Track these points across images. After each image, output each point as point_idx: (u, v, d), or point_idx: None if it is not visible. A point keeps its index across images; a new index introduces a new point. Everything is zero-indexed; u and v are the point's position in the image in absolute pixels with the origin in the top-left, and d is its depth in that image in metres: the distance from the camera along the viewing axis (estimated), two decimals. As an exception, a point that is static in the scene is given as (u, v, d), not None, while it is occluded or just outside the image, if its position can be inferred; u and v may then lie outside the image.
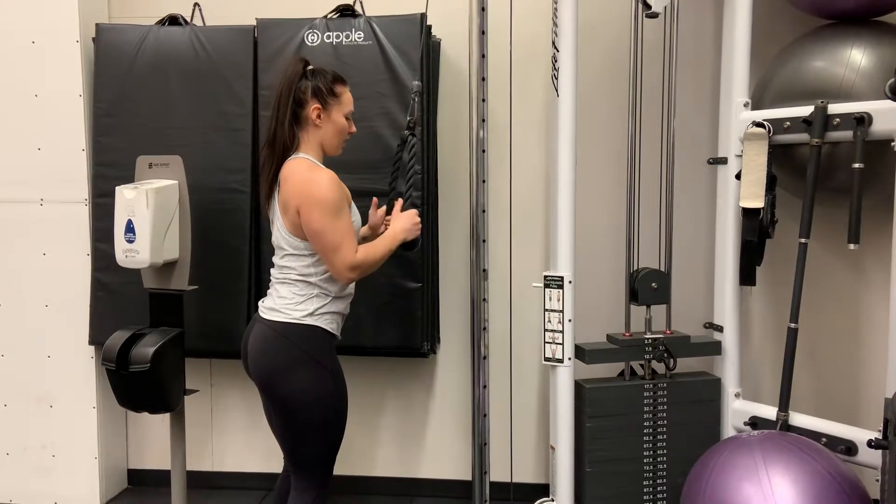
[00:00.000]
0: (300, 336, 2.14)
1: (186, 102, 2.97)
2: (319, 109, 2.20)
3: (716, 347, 2.77)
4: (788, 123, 2.51)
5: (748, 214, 2.58)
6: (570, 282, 2.59)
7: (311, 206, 2.09)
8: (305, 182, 2.11)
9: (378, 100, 2.87)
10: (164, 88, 2.98)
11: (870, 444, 2.01)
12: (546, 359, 2.65)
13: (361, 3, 3.01)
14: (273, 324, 2.16)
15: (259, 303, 2.27)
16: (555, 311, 2.61)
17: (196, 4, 3.16)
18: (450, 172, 3.11)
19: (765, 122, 2.54)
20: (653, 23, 2.74)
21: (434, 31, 2.98)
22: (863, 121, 2.32)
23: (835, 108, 2.40)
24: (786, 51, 2.71)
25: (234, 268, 2.96)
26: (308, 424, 2.16)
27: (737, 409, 2.71)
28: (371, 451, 3.29)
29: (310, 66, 2.23)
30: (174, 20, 3.05)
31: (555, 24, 2.60)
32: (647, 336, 2.73)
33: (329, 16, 2.96)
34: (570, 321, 2.60)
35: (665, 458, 2.73)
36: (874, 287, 2.93)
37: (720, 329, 2.78)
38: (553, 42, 2.62)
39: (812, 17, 2.74)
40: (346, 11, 2.96)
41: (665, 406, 2.73)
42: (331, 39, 2.91)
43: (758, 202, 2.54)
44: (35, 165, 3.08)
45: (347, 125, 2.27)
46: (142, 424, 3.35)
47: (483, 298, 2.57)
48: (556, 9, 2.59)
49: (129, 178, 2.77)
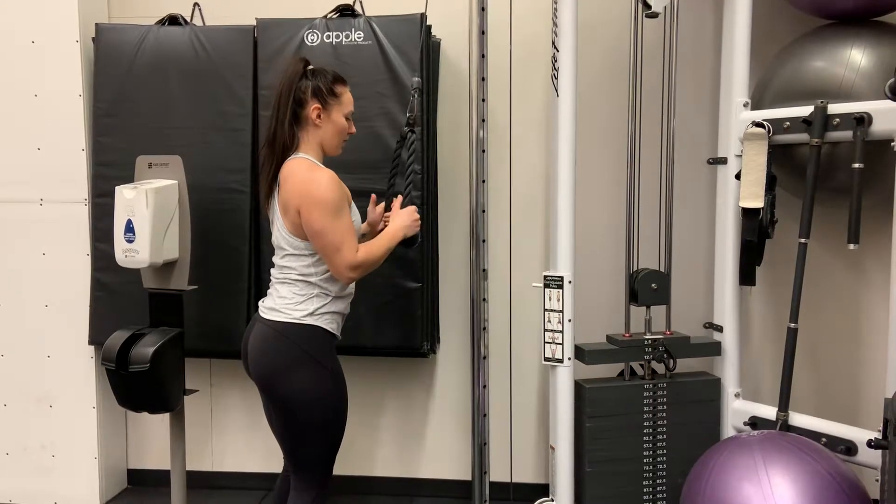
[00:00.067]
0: (300, 336, 2.14)
1: (186, 102, 2.97)
2: (319, 109, 2.19)
3: (715, 348, 2.77)
4: (788, 123, 2.51)
5: (748, 214, 2.58)
6: (570, 282, 2.59)
7: (312, 206, 2.09)
8: (306, 182, 2.11)
9: (378, 100, 2.87)
10: (164, 88, 2.98)
11: (869, 444, 2.01)
12: (546, 359, 2.65)
13: (361, 3, 3.01)
14: (273, 324, 2.16)
15: (259, 303, 2.27)
16: (554, 311, 2.61)
17: (196, 4, 3.16)
18: (450, 172, 3.11)
19: (765, 122, 2.54)
20: (653, 23, 2.74)
21: (434, 31, 2.98)
22: (863, 121, 2.32)
23: (835, 108, 2.40)
24: (786, 51, 2.71)
25: (234, 268, 2.96)
26: (308, 424, 2.15)
27: (737, 409, 2.71)
28: (371, 451, 3.29)
29: (310, 66, 2.23)
30: (174, 20, 3.05)
31: (555, 24, 2.60)
32: (647, 337, 2.73)
33: (329, 16, 2.96)
34: (570, 321, 2.60)
35: (665, 459, 2.73)
36: (874, 287, 2.93)
37: (720, 329, 2.78)
38: (553, 42, 2.62)
39: (812, 17, 2.74)
40: (346, 11, 2.96)
41: (665, 406, 2.73)
42: (330, 39, 2.91)
43: (757, 202, 2.54)
44: (35, 165, 3.08)
45: (347, 125, 2.27)
46: (142, 424, 3.35)
47: (483, 298, 2.57)
48: (556, 9, 2.59)
49: (129, 178, 2.77)
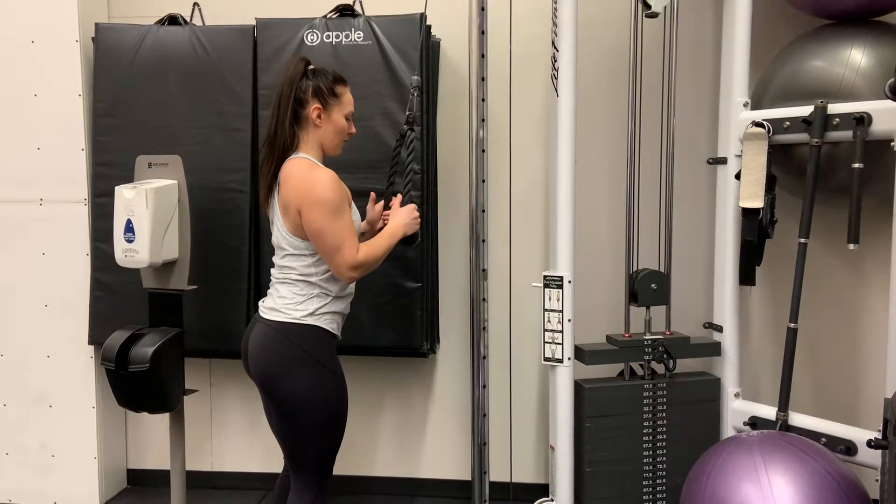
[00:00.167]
0: (301, 336, 2.14)
1: (186, 102, 2.97)
2: (320, 109, 2.19)
3: (715, 348, 2.77)
4: (788, 123, 2.52)
5: (748, 214, 2.58)
6: (570, 282, 2.59)
7: (312, 206, 2.09)
8: (306, 182, 2.11)
9: (377, 99, 2.87)
10: (164, 88, 2.97)
11: (869, 444, 2.01)
12: (546, 359, 2.65)
13: (361, 3, 3.01)
14: (274, 323, 2.16)
15: (259, 303, 2.27)
16: (554, 311, 2.61)
17: (195, 4, 3.16)
18: (449, 172, 3.11)
19: (764, 122, 2.54)
20: (652, 23, 2.74)
21: (434, 31, 2.98)
22: (862, 121, 2.32)
23: (834, 108, 2.41)
24: (785, 51, 2.71)
25: (234, 268, 2.95)
26: (308, 424, 2.15)
27: (736, 409, 2.71)
28: (371, 451, 3.29)
29: (311, 66, 2.22)
30: (174, 20, 3.05)
31: (554, 24, 2.60)
32: (647, 337, 2.73)
33: (328, 15, 2.96)
34: (570, 321, 2.60)
35: (665, 459, 2.73)
36: (874, 287, 2.93)
37: (720, 329, 2.78)
38: (553, 42, 2.62)
39: (812, 17, 2.74)
40: (346, 11, 2.96)
41: (665, 406, 2.73)
42: (330, 39, 2.91)
43: (757, 202, 2.54)
44: (34, 165, 3.08)
45: (347, 125, 2.27)
46: (141, 424, 3.35)
47: (483, 298, 2.56)
48: (556, 9, 2.59)
49: (129, 178, 2.77)
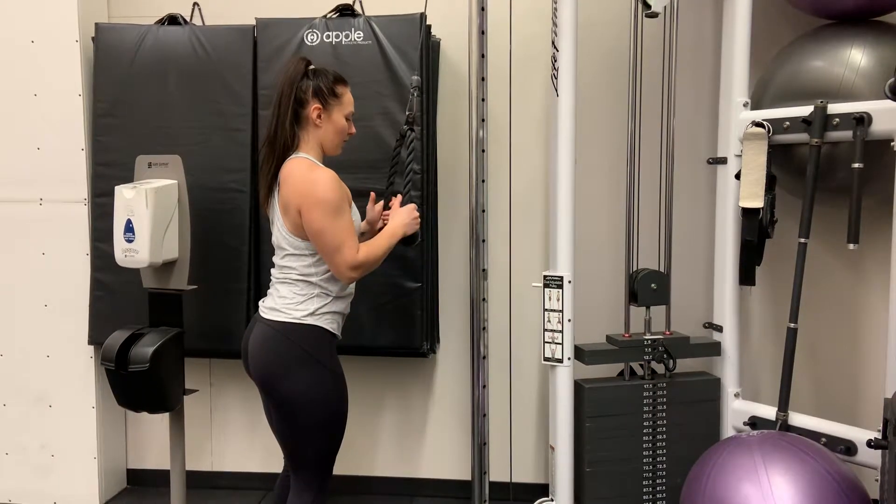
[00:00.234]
0: (301, 336, 2.14)
1: (186, 102, 2.97)
2: (320, 109, 2.19)
3: (715, 348, 2.77)
4: (788, 123, 2.52)
5: (748, 214, 2.58)
6: (570, 282, 2.59)
7: (312, 206, 2.09)
8: (306, 182, 2.11)
9: (377, 99, 2.87)
10: (164, 88, 2.97)
11: (869, 444, 2.01)
12: (546, 359, 2.64)
13: (361, 3, 3.01)
14: (274, 323, 2.16)
15: (259, 303, 2.27)
16: (554, 311, 2.61)
17: (195, 4, 3.16)
18: (449, 172, 3.11)
19: (764, 122, 2.54)
20: (652, 22, 2.74)
21: (434, 31, 2.98)
22: (862, 121, 2.32)
23: (834, 108, 2.41)
24: (785, 51, 2.71)
25: (234, 268, 2.95)
26: (308, 424, 2.15)
27: (736, 409, 2.71)
28: (371, 451, 3.29)
29: (311, 66, 2.22)
30: (173, 20, 3.05)
31: (554, 24, 2.60)
32: (647, 337, 2.73)
33: (328, 15, 2.96)
34: (570, 321, 2.60)
35: (664, 458, 2.73)
36: (874, 287, 2.93)
37: (720, 329, 2.78)
38: (553, 42, 2.62)
39: (812, 17, 2.74)
40: (346, 11, 2.96)
41: (665, 406, 2.72)
42: (330, 39, 2.91)
43: (757, 202, 2.54)
44: (34, 165, 3.08)
45: (347, 126, 2.27)
46: (141, 424, 3.34)
47: (482, 298, 2.56)
48: (556, 8, 2.59)
49: (129, 178, 2.77)
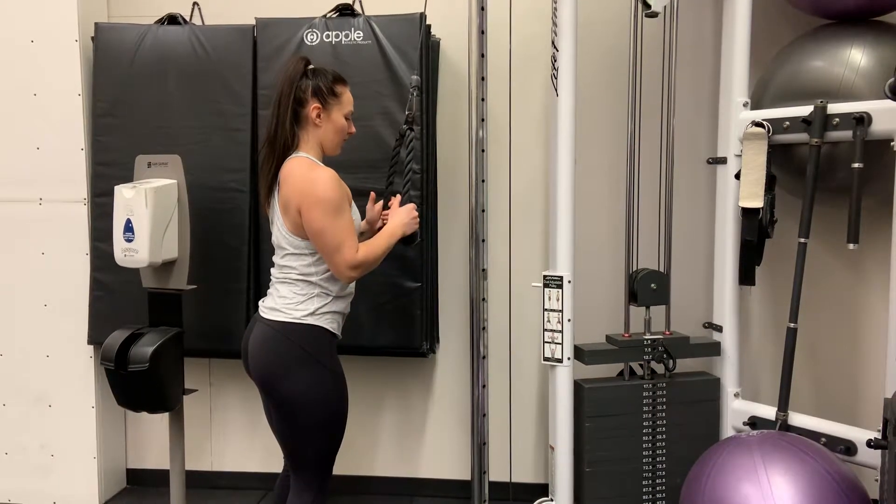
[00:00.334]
0: (301, 336, 2.14)
1: (185, 102, 2.97)
2: (319, 109, 2.19)
3: (715, 348, 2.77)
4: (788, 123, 2.51)
5: (747, 214, 2.58)
6: (570, 281, 2.59)
7: (312, 206, 2.08)
8: (306, 181, 2.11)
9: (377, 99, 2.87)
10: (164, 88, 2.97)
11: (869, 444, 2.01)
12: (545, 359, 2.64)
13: (361, 3, 3.00)
14: (274, 323, 2.16)
15: (259, 302, 2.26)
16: (554, 311, 2.61)
17: (195, 4, 3.16)
18: (449, 172, 3.11)
19: (764, 122, 2.54)
20: (652, 22, 2.74)
21: (433, 31, 2.98)
22: (862, 121, 2.32)
23: (834, 108, 2.40)
24: (785, 50, 2.71)
25: (234, 267, 2.95)
26: (308, 424, 2.15)
27: (736, 409, 2.71)
28: (371, 451, 3.29)
29: (311, 66, 2.22)
30: (173, 19, 3.04)
31: (554, 24, 2.60)
32: (647, 337, 2.73)
33: (328, 15, 2.96)
34: (570, 321, 2.60)
35: (664, 458, 2.73)
36: (874, 287, 2.93)
37: (719, 329, 2.78)
38: (552, 41, 2.62)
39: (812, 17, 2.74)
40: (346, 11, 2.96)
41: (664, 406, 2.72)
42: (330, 39, 2.91)
43: (757, 202, 2.54)
44: (34, 165, 3.08)
45: (347, 125, 2.27)
46: (141, 424, 3.34)
47: (482, 298, 2.56)
48: (556, 8, 2.59)
49: (128, 178, 2.77)
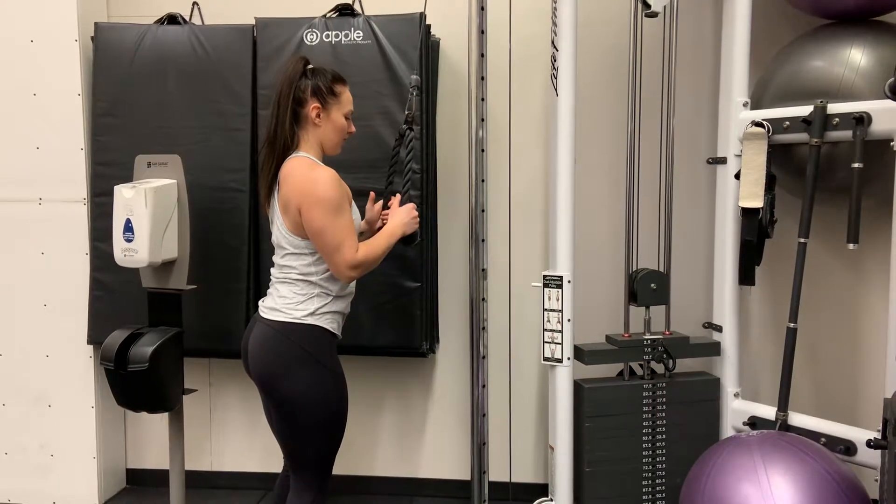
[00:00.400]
0: (301, 336, 2.14)
1: (185, 102, 2.97)
2: (319, 109, 2.19)
3: (715, 348, 2.76)
4: (788, 123, 2.51)
5: (747, 214, 2.58)
6: (570, 281, 2.59)
7: (312, 205, 2.08)
8: (306, 181, 2.11)
9: (377, 99, 2.87)
10: (163, 88, 2.97)
11: (869, 444, 2.00)
12: (545, 359, 2.64)
13: (360, 3, 3.00)
14: (274, 323, 2.15)
15: (259, 302, 2.26)
16: (554, 311, 2.61)
17: (195, 3, 3.15)
18: (449, 172, 3.11)
19: (764, 122, 2.54)
20: (652, 22, 2.74)
21: (433, 31, 2.98)
22: (862, 120, 2.32)
23: (834, 108, 2.40)
24: (785, 50, 2.71)
25: (233, 267, 2.95)
26: (308, 424, 2.15)
27: (736, 409, 2.71)
28: (371, 451, 3.29)
29: (310, 66, 2.22)
30: (173, 19, 3.04)
31: (554, 24, 2.60)
32: (647, 337, 2.73)
33: (328, 15, 2.96)
34: (570, 321, 2.59)
35: (664, 458, 2.73)
36: (874, 287, 2.92)
37: (719, 329, 2.78)
38: (552, 41, 2.62)
39: (812, 17, 2.74)
40: (345, 10, 2.96)
41: (664, 406, 2.72)
42: (330, 39, 2.91)
43: (757, 202, 2.54)
44: (34, 164, 3.08)
45: (347, 125, 2.26)
46: (140, 424, 3.34)
47: (482, 298, 2.56)
48: (556, 8, 2.58)
49: (128, 178, 2.76)
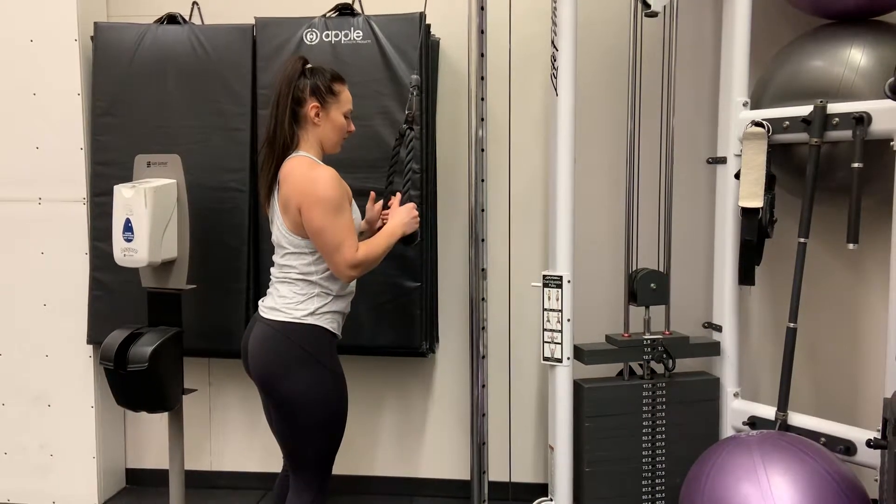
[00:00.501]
0: (301, 335, 2.14)
1: (185, 101, 2.97)
2: (318, 108, 2.19)
3: (715, 348, 2.76)
4: (788, 123, 2.51)
5: (747, 214, 2.58)
6: (569, 281, 2.59)
7: (312, 205, 2.08)
8: (306, 180, 2.11)
9: (377, 99, 2.87)
10: (163, 87, 2.97)
11: (869, 444, 2.00)
12: (545, 358, 2.64)
13: (360, 2, 3.00)
14: (274, 323, 2.15)
15: (259, 302, 2.26)
16: (554, 311, 2.61)
17: (195, 3, 3.15)
18: (449, 171, 3.11)
19: (764, 122, 2.54)
20: (652, 22, 2.73)
21: (433, 30, 2.98)
22: (862, 120, 2.32)
23: (834, 108, 2.40)
24: (785, 50, 2.71)
25: (233, 267, 2.95)
26: (308, 424, 2.15)
27: (736, 409, 2.71)
28: (370, 451, 3.29)
29: (309, 65, 2.22)
30: (173, 19, 3.04)
31: (554, 24, 2.60)
32: (646, 337, 2.73)
33: (328, 15, 2.96)
34: (569, 321, 2.59)
35: (664, 458, 2.73)
36: (874, 287, 2.92)
37: (719, 329, 2.78)
38: (552, 41, 2.62)
39: (811, 17, 2.74)
40: (345, 10, 2.96)
41: (664, 406, 2.72)
42: (329, 38, 2.91)
43: (757, 202, 2.54)
44: (33, 164, 3.08)
45: (346, 124, 2.26)
46: (140, 424, 3.34)
47: (482, 298, 2.56)
48: (556, 8, 2.58)
49: (128, 177, 2.76)
